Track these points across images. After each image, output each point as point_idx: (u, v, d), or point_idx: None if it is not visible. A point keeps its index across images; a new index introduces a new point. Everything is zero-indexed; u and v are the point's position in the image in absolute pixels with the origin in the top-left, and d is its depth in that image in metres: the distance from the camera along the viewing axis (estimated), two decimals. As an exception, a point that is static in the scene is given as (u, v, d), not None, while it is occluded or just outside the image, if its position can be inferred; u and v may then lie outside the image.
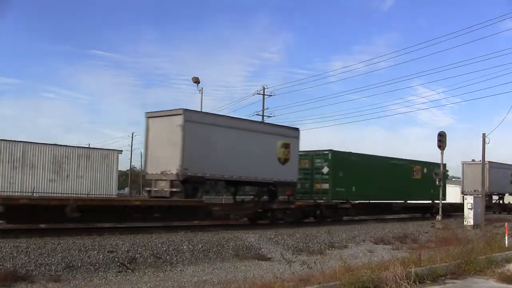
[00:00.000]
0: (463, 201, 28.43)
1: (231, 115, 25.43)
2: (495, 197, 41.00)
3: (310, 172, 25.08)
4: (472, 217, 25.20)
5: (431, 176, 28.33)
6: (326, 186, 24.53)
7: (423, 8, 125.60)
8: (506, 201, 42.12)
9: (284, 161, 21.55)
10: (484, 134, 23.91)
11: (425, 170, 30.74)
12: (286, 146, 21.69)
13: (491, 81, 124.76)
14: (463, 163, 39.74)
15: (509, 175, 40.37)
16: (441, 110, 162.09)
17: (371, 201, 27.49)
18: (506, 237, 15.38)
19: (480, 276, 10.86)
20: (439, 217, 25.22)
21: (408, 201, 30.49)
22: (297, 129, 23.07)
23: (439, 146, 25.54)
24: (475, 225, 24.50)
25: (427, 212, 32.00)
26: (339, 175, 24.80)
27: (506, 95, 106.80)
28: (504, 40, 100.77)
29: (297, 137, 22.53)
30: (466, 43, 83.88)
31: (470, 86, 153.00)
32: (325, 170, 24.69)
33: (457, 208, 32.11)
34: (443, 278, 10.32)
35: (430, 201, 31.43)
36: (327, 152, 25.03)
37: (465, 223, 25.31)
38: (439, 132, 25.91)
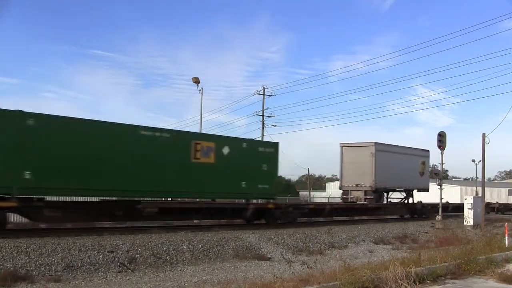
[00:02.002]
0: (343, 197, 28.69)
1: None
2: (395, 195, 31.04)
3: None
4: (472, 217, 25.21)
5: (242, 160, 19.24)
6: None
7: (424, 8, 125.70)
8: (428, 202, 31.35)
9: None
10: (484, 134, 23.92)
11: (225, 149, 18.95)
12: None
13: (491, 81, 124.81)
14: (342, 146, 28.49)
15: (419, 164, 30.77)
16: (441, 110, 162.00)
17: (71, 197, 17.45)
18: (506, 237, 15.38)
19: (480, 276, 10.86)
20: (439, 217, 25.20)
21: (187, 199, 18.87)
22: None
23: (439, 146, 25.53)
24: (475, 225, 24.50)
25: (240, 216, 20.57)
26: None
27: (506, 95, 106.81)
28: (504, 40, 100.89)
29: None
30: (466, 43, 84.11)
31: (470, 86, 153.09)
32: None
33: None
34: (443, 278, 10.31)
35: (240, 200, 20.89)
36: None
37: (465, 223, 25.31)
38: (439, 132, 25.91)
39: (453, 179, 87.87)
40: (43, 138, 14.43)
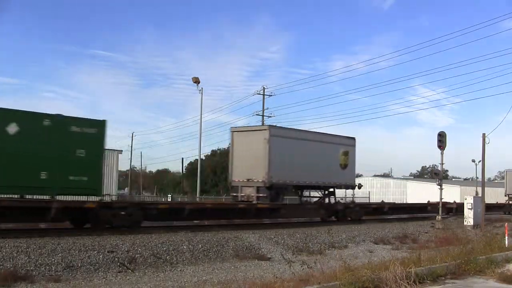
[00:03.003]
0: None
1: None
2: (312, 194, 26.85)
3: None
4: (472, 217, 25.21)
5: (41, 143, 15.03)
6: None
7: (424, 8, 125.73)
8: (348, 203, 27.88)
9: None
10: (484, 134, 23.92)
11: (12, 127, 14.50)
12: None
13: (491, 81, 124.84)
14: (233, 131, 23.63)
15: (339, 154, 25.09)
16: (441, 110, 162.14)
17: None
18: (506, 237, 15.37)
19: (480, 276, 10.85)
20: (439, 217, 25.21)
21: None
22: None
23: (439, 146, 25.51)
24: (475, 225, 24.50)
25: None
26: None
27: (506, 95, 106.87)
28: (504, 40, 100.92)
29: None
30: (466, 43, 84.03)
31: (470, 86, 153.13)
32: None
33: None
34: (443, 278, 10.30)
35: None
36: None
37: (465, 223, 25.31)
38: (439, 132, 25.90)
39: (453, 179, 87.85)
40: None
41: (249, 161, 21.86)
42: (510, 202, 40.47)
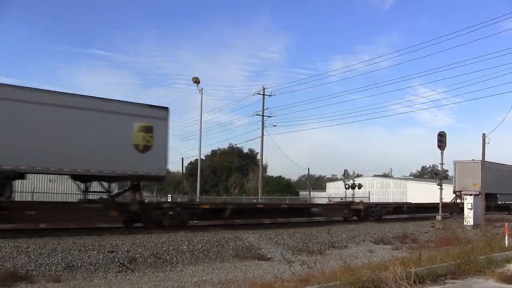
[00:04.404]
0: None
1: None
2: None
3: None
4: (472, 217, 25.21)
5: None
6: None
7: (424, 8, 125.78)
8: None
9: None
10: (484, 134, 23.92)
11: None
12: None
13: (491, 81, 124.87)
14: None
15: (133, 130, 17.19)
16: (441, 110, 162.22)
17: None
18: (506, 237, 15.38)
19: (480, 276, 10.85)
20: (439, 217, 25.21)
21: None
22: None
23: (439, 146, 25.51)
24: (475, 225, 24.50)
25: None
26: None
27: (506, 95, 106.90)
28: (504, 40, 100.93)
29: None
30: (466, 43, 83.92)
31: (470, 86, 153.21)
32: None
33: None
34: (443, 278, 10.30)
35: None
36: None
37: (465, 223, 25.30)
38: (439, 132, 25.88)
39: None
40: None
41: None
42: (457, 201, 33.30)
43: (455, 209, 31.81)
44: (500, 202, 37.61)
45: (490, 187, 30.87)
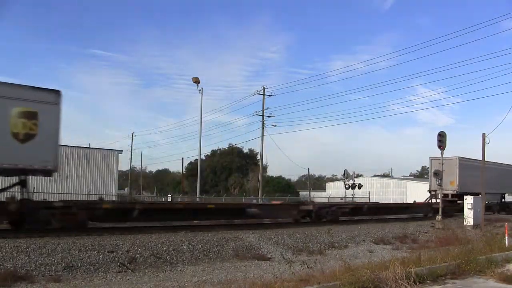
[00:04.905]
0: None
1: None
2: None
3: None
4: (472, 217, 25.20)
5: None
6: None
7: (424, 8, 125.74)
8: None
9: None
10: (484, 134, 23.92)
11: None
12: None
13: (491, 81, 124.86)
14: None
15: (9, 116, 14.46)
16: (441, 110, 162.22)
17: None
18: (506, 237, 15.37)
19: (480, 276, 10.85)
20: (439, 217, 25.20)
21: None
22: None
23: (439, 146, 25.51)
24: (475, 225, 24.49)
25: None
26: None
27: (506, 95, 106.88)
28: (504, 40, 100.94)
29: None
30: (466, 43, 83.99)
31: (470, 86, 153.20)
32: None
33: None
34: (443, 278, 10.30)
35: None
36: None
37: (465, 223, 25.30)
38: (439, 132, 25.88)
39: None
40: None
41: None
42: (431, 201, 31.56)
43: (428, 210, 29.65)
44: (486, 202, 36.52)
45: (471, 186, 28.99)
